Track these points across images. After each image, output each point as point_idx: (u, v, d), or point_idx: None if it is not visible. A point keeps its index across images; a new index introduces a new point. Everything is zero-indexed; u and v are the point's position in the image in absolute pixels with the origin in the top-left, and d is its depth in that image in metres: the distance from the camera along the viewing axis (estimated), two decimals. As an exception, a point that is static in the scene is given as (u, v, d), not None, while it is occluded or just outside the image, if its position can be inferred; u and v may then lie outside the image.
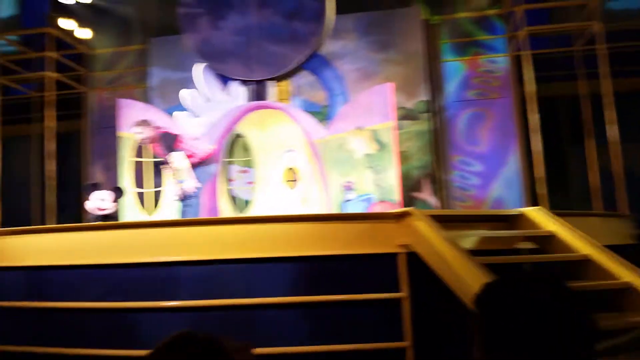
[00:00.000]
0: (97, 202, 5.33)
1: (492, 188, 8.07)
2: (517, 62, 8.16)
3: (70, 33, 9.16)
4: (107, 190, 5.55)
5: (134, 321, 3.79)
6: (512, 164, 8.07)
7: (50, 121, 8.65)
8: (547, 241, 3.98)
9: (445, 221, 3.72)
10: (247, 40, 6.96)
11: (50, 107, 8.65)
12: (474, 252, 3.44)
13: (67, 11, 9.14)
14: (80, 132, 9.70)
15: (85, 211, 5.99)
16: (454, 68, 8.50)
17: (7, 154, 9.17)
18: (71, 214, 8.95)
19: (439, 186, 8.02)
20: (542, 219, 4.10)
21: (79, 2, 9.31)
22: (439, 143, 8.21)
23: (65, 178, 9.24)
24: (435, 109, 8.25)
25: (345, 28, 8.19)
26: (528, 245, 4.01)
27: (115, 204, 5.45)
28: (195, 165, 5.56)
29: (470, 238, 3.79)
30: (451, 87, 8.45)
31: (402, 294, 3.71)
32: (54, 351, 3.90)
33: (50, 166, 8.52)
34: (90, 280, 4.00)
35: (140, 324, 3.79)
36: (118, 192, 5.65)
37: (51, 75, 8.70)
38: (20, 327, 4.14)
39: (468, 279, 3.09)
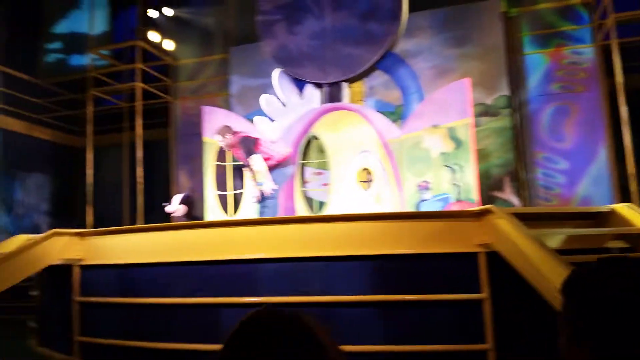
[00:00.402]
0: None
1: (579, 186, 7.63)
2: (604, 53, 7.69)
3: (156, 45, 9.73)
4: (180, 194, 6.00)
5: (218, 316, 3.94)
6: (600, 160, 7.59)
7: (139, 129, 9.20)
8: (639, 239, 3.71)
9: (528, 219, 3.56)
10: (322, 44, 7.06)
11: (139, 116, 9.20)
12: (560, 252, 3.28)
13: (154, 25, 9.72)
14: (167, 139, 10.24)
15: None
16: (536, 61, 8.13)
17: (100, 161, 9.86)
18: (158, 216, 9.47)
19: (522, 185, 7.70)
20: (634, 216, 3.83)
21: (165, 15, 9.88)
22: (520, 140, 7.89)
23: (153, 182, 9.80)
24: (516, 104, 7.93)
25: (420, 25, 8.09)
26: (619, 244, 3.76)
27: (182, 206, 5.80)
28: (272, 168, 5.69)
29: (556, 237, 3.61)
30: (533, 81, 8.09)
31: (483, 294, 3.60)
32: (143, 345, 4.14)
33: (139, 172, 9.07)
34: (177, 277, 4.20)
35: (224, 319, 3.93)
36: (187, 199, 6.07)
37: (140, 86, 9.25)
38: (112, 321, 4.42)
39: (555, 280, 2.94)
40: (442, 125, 6.25)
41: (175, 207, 5.76)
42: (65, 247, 4.68)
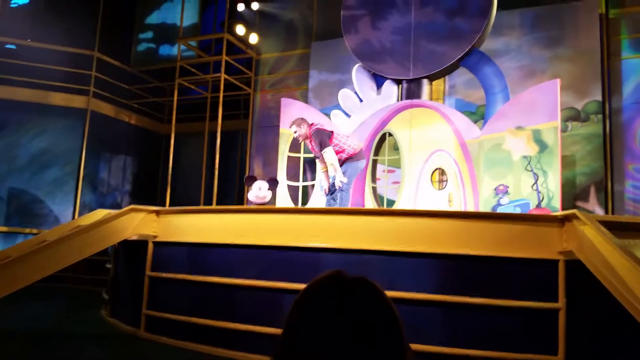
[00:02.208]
0: (256, 191, 5.72)
1: (672, 202, 7.02)
2: None
3: (241, 39, 9.99)
4: (264, 181, 5.94)
5: (281, 301, 3.94)
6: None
7: (220, 119, 9.48)
8: None
9: (616, 229, 3.28)
10: (405, 39, 6.94)
11: (221, 107, 9.48)
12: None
13: (240, 18, 9.98)
14: (244, 129, 10.49)
15: (245, 199, 6.49)
16: (634, 66, 7.54)
17: (181, 147, 10.25)
18: (232, 201, 9.73)
19: (609, 196, 7.18)
20: None
21: (251, 10, 10.12)
22: (611, 148, 7.35)
23: (228, 170, 10.08)
24: (608, 111, 7.40)
25: (510, 24, 7.76)
26: None
27: (270, 192, 5.79)
28: (344, 161, 5.64)
29: (647, 249, 3.31)
30: (629, 87, 7.51)
31: (559, 304, 3.37)
32: (206, 323, 4.22)
33: (217, 159, 9.35)
34: (245, 259, 4.25)
35: (286, 304, 3.92)
36: (273, 183, 6.02)
37: (224, 77, 9.52)
38: (179, 297, 4.55)
39: (642, 292, 2.69)
40: (527, 127, 5.95)
41: (265, 193, 5.80)
42: (141, 223, 4.88)
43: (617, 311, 2.88)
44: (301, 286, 3.26)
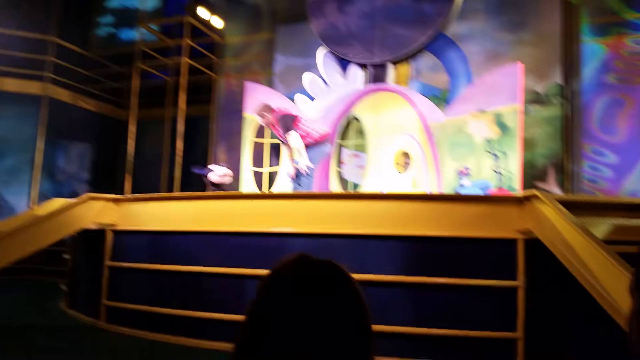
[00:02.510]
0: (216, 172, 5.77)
1: (627, 181, 7.21)
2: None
3: (205, 22, 9.77)
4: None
5: (244, 288, 3.90)
6: (652, 157, 7.15)
7: (183, 104, 9.27)
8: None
9: (574, 208, 3.33)
10: (371, 23, 6.91)
11: (183, 91, 9.26)
12: (605, 243, 3.06)
13: (204, 2, 9.75)
14: (207, 115, 10.29)
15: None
16: (594, 50, 7.69)
17: (142, 134, 10.01)
18: (195, 189, 9.57)
19: (567, 177, 7.34)
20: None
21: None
22: (570, 130, 7.50)
23: (191, 157, 9.90)
24: (568, 94, 7.55)
25: (474, 8, 7.79)
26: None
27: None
28: (309, 146, 5.60)
29: (602, 227, 3.38)
30: (589, 70, 7.66)
31: (518, 282, 3.42)
32: (168, 312, 4.14)
33: (179, 145, 9.15)
34: (206, 246, 4.18)
35: (250, 291, 3.88)
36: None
37: (186, 61, 9.30)
38: (140, 287, 4.45)
39: (602, 271, 2.74)
40: (489, 110, 6.01)
41: (226, 171, 5.80)
42: (100, 211, 4.75)
43: (575, 288, 2.94)
44: (265, 272, 3.21)
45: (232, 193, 5.36)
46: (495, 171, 5.89)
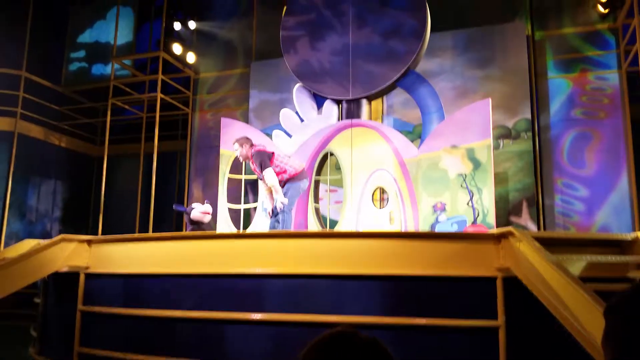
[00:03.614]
0: (197, 209, 5.69)
1: (599, 214, 7.41)
2: (629, 80, 7.54)
3: (179, 58, 9.79)
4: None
5: (222, 332, 3.82)
6: (622, 189, 7.38)
7: (156, 140, 9.18)
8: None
9: (549, 244, 3.39)
10: (343, 60, 7.04)
11: (157, 127, 9.19)
12: (581, 280, 3.11)
13: (177, 37, 9.79)
14: (182, 151, 10.22)
15: (184, 224, 6.34)
16: (560, 85, 7.98)
17: (115, 170, 9.88)
18: (170, 227, 9.43)
19: (540, 211, 7.50)
20: (661, 246, 3.65)
21: (188, 29, 9.96)
22: (541, 164, 7.71)
23: (165, 194, 9.78)
24: (537, 129, 7.77)
25: (443, 45, 8.02)
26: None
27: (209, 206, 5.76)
28: (286, 182, 5.61)
29: (577, 263, 3.44)
30: (556, 105, 7.93)
31: (499, 322, 3.44)
32: (145, 359, 4.02)
33: (153, 182, 9.03)
34: (183, 289, 4.10)
35: (228, 335, 3.81)
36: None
37: (160, 97, 9.27)
38: (114, 333, 4.31)
39: (578, 308, 2.78)
40: (461, 145, 6.13)
41: (208, 208, 5.71)
42: (72, 253, 4.61)
43: (555, 327, 2.96)
44: (245, 316, 3.14)
45: (208, 233, 5.29)
46: (470, 206, 5.98)
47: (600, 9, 7.80)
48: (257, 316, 3.75)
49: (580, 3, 8.02)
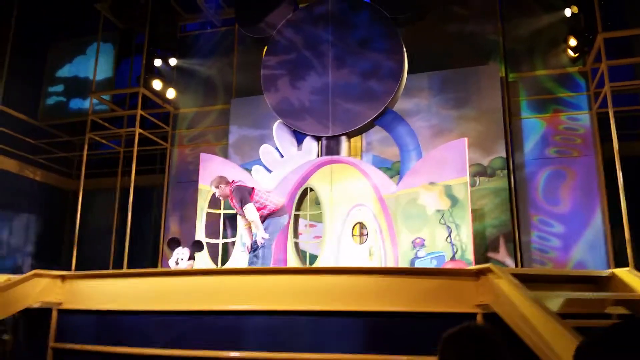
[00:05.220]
0: (174, 262, 5.52)
1: (574, 250, 7.54)
2: (599, 120, 7.81)
3: (158, 93, 9.79)
4: (186, 246, 5.75)
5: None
6: (596, 226, 7.55)
7: (133, 175, 9.08)
8: (641, 307, 3.58)
9: (527, 281, 3.43)
10: (323, 99, 7.15)
11: (134, 162, 9.11)
12: (559, 316, 3.14)
13: (157, 73, 9.83)
14: (158, 185, 10.11)
15: (160, 261, 6.19)
16: (533, 125, 8.22)
17: (90, 205, 9.72)
18: (145, 264, 9.25)
19: (517, 247, 7.59)
20: (635, 281, 3.72)
21: (169, 65, 10.03)
22: (517, 201, 7.85)
23: (141, 229, 9.62)
24: (512, 166, 7.95)
25: (419, 86, 8.22)
26: (619, 310, 3.63)
27: (191, 261, 5.58)
28: (266, 217, 5.60)
29: (555, 300, 3.48)
30: (530, 144, 8.15)
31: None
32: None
33: (129, 217, 8.88)
34: (159, 327, 4.01)
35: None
36: (197, 247, 5.85)
37: (139, 131, 9.22)
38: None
39: (558, 344, 2.79)
40: (439, 182, 6.22)
41: (185, 264, 5.56)
42: (45, 289, 4.50)
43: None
44: (222, 354, 3.08)
45: (185, 270, 5.22)
46: (448, 242, 6.02)
47: (570, 52, 8.13)
48: (235, 354, 3.68)
49: (552, 46, 8.35)
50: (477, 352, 1.47)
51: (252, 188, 5.71)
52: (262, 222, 5.54)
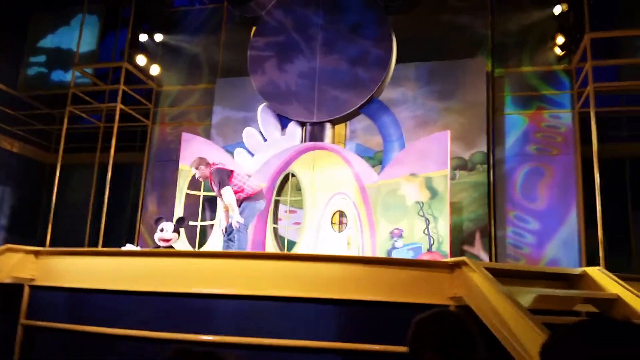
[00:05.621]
0: (159, 232, 5.45)
1: (548, 248, 7.66)
2: (581, 119, 7.89)
3: (142, 69, 9.62)
4: (170, 222, 5.69)
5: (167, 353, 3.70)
6: (571, 224, 7.66)
7: (113, 151, 8.95)
8: (610, 305, 3.64)
9: (500, 275, 3.47)
10: (310, 84, 7.09)
11: (114, 138, 8.96)
12: (530, 312, 3.18)
13: (142, 48, 9.64)
14: (139, 163, 9.98)
15: (136, 239, 6.13)
16: (516, 121, 8.28)
17: (67, 179, 9.56)
18: (121, 241, 9.15)
19: (492, 241, 7.68)
20: (605, 280, 3.78)
21: (154, 41, 9.83)
22: (494, 196, 7.92)
23: (119, 206, 9.50)
24: (492, 161, 8.01)
25: (406, 76, 8.20)
26: (588, 308, 3.69)
27: (175, 234, 5.51)
28: (242, 201, 5.57)
29: (527, 296, 3.52)
30: (511, 140, 8.21)
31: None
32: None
33: (106, 193, 8.75)
34: (130, 307, 3.97)
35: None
36: (180, 222, 5.80)
37: (120, 107, 9.07)
38: (57, 349, 4.13)
39: (527, 340, 2.83)
40: (420, 174, 6.24)
41: (170, 235, 5.46)
42: (18, 264, 4.42)
43: (503, 357, 3.00)
44: (192, 337, 3.06)
45: (159, 250, 5.17)
46: (426, 234, 6.06)
47: (557, 50, 8.16)
48: (206, 337, 3.66)
49: (539, 43, 8.39)
50: (450, 335, 1.49)
51: (232, 171, 5.67)
52: (239, 205, 5.51)
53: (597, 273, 3.88)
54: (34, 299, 4.35)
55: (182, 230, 6.09)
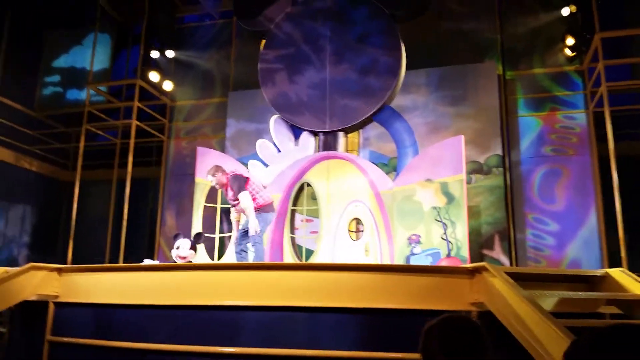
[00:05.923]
0: (175, 250, 5.49)
1: (568, 249, 7.60)
2: (595, 119, 7.84)
3: (155, 85, 9.76)
4: (187, 238, 5.73)
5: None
6: (590, 225, 7.60)
7: (130, 167, 9.07)
8: (633, 306, 3.61)
9: (521, 279, 3.46)
10: (321, 94, 7.14)
11: (131, 154, 9.09)
12: (552, 315, 3.17)
13: (155, 65, 9.79)
14: (155, 178, 10.10)
15: (156, 253, 6.20)
16: (530, 123, 8.26)
17: (86, 196, 9.70)
18: (141, 256, 9.24)
19: (511, 245, 7.64)
20: (628, 281, 3.75)
21: (166, 57, 9.97)
22: (512, 199, 7.89)
23: (137, 221, 9.61)
24: (508, 164, 7.99)
25: (416, 83, 8.23)
26: (612, 309, 3.67)
27: (191, 252, 5.54)
28: (254, 211, 5.63)
29: (549, 299, 3.51)
30: (526, 142, 8.19)
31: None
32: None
33: (125, 209, 8.87)
34: (155, 321, 4.02)
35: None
36: (197, 239, 5.83)
37: (135, 123, 9.20)
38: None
39: (551, 344, 2.83)
40: (435, 179, 6.24)
41: (186, 252, 5.48)
42: (42, 282, 4.50)
43: (528, 362, 3.00)
44: (217, 349, 3.10)
45: (181, 265, 5.23)
46: (444, 239, 6.06)
47: (568, 52, 8.14)
48: (231, 350, 3.70)
49: (549, 45, 8.37)
50: (461, 340, 1.50)
51: (247, 178, 5.77)
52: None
53: (619, 274, 3.86)
54: (59, 315, 4.42)
55: (200, 244, 6.12)
